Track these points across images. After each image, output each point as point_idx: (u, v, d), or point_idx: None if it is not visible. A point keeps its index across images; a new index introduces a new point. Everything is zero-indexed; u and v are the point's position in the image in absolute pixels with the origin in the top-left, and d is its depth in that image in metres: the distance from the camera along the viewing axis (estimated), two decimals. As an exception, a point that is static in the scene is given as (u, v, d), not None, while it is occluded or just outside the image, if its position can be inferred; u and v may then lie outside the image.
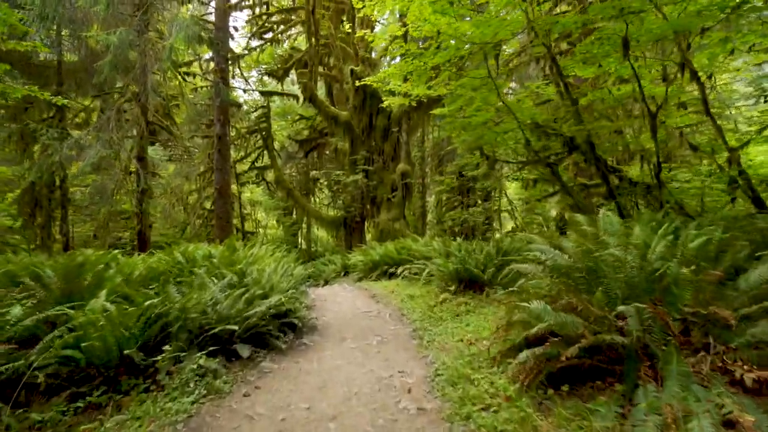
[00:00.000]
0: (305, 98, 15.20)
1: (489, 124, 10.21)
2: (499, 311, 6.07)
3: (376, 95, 15.22)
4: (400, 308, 7.38)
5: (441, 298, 7.10)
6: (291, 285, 7.40)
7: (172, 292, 5.05)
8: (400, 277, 10.43)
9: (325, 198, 30.53)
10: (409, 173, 14.74)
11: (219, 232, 18.14)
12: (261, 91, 20.78)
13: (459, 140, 11.70)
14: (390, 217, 15.05)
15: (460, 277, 7.44)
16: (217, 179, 18.05)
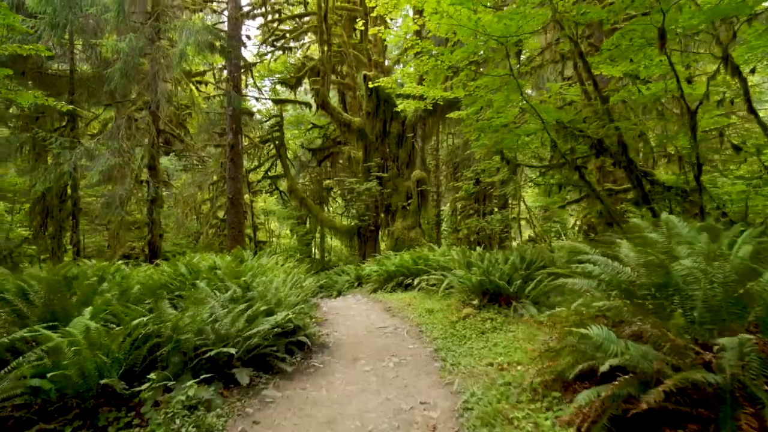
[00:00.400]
0: (317, 105, 14.72)
1: (510, 126, 9.57)
2: (531, 330, 5.37)
3: (389, 101, 14.68)
4: (419, 324, 6.70)
5: (463, 312, 6.42)
6: (300, 298, 6.79)
7: (165, 308, 4.47)
8: (416, 288, 9.76)
9: (338, 207, 30.04)
10: (424, 180, 14.11)
11: (231, 242, 17.69)
12: (274, 99, 20.42)
13: (478, 144, 11.05)
14: (405, 226, 14.40)
15: (483, 290, 6.75)
16: (230, 188, 17.65)
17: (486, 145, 10.26)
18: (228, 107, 17.56)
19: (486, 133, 9.22)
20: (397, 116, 14.82)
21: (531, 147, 10.37)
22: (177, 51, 11.65)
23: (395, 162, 15.07)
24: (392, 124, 14.90)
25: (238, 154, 17.81)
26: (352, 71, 21.22)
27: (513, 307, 6.26)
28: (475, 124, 9.19)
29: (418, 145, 14.22)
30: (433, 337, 5.91)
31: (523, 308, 6.27)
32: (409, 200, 14.74)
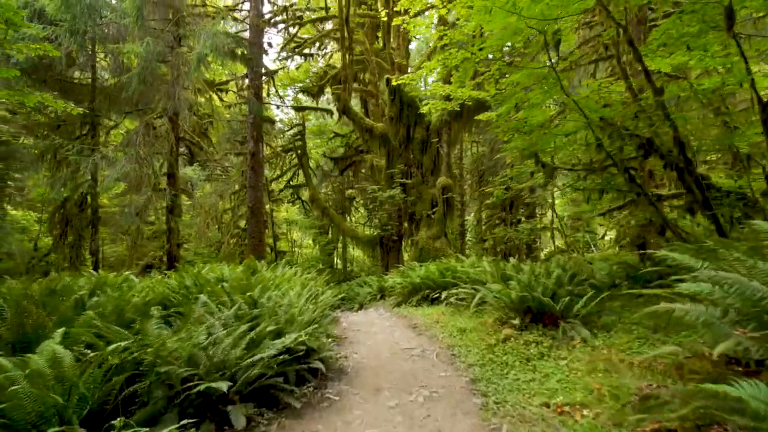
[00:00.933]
0: (339, 110, 14.04)
1: (546, 125, 8.64)
2: (586, 357, 4.42)
3: (413, 105, 13.91)
4: (450, 346, 5.79)
5: (502, 334, 5.48)
6: (317, 314, 5.98)
7: (151, 330, 3.71)
8: (444, 303, 8.83)
9: (361, 217, 29.34)
10: (450, 187, 13.22)
11: (251, 252, 17.09)
12: (295, 107, 19.91)
13: (509, 147, 10.12)
14: (430, 235, 13.51)
15: (525, 308, 5.80)
16: (250, 197, 17.09)
17: (518, 147, 9.33)
18: (249, 115, 17.08)
19: (521, 133, 8.31)
20: (421, 121, 14.02)
21: (568, 149, 9.39)
22: (194, 54, 11.15)
23: (419, 169, 14.23)
24: (416, 130, 14.09)
25: (259, 163, 17.27)
26: (374, 78, 20.59)
27: (561, 328, 5.29)
28: (509, 124, 8.29)
29: (443, 150, 13.37)
30: (469, 363, 4.99)
31: (572, 330, 5.30)
32: (434, 208, 13.86)
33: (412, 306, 9.62)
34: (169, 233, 13.63)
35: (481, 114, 10.01)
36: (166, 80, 13.34)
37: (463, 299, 8.16)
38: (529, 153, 9.35)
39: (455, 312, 7.95)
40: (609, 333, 5.28)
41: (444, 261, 10.96)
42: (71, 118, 13.02)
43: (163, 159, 13.55)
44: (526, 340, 5.27)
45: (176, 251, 14.34)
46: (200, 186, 22.79)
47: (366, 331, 7.69)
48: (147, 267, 20.64)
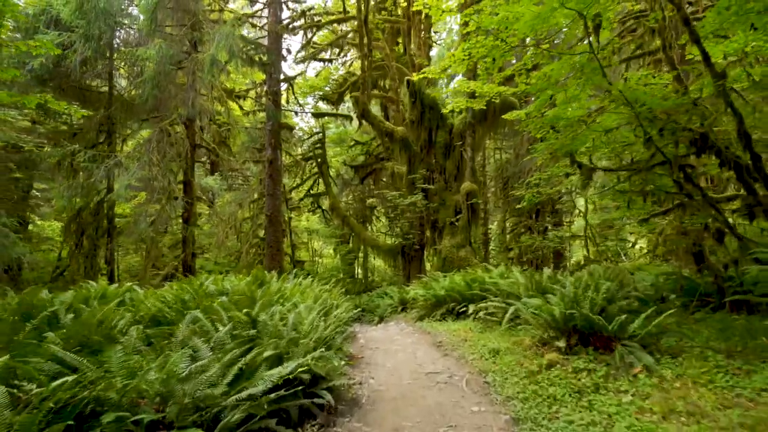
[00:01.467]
0: (358, 114, 13.37)
1: (585, 119, 7.73)
2: (653, 390, 3.48)
3: (435, 107, 13.12)
4: (482, 371, 4.90)
5: (545, 359, 4.56)
6: (329, 332, 5.19)
7: (115, 357, 2.98)
8: (471, 318, 7.93)
9: (382, 226, 28.59)
10: (475, 193, 12.33)
11: (269, 261, 16.49)
12: (314, 113, 19.36)
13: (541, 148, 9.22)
14: (454, 244, 12.61)
15: (570, 327, 4.87)
16: (268, 205, 16.53)
17: (552, 146, 8.43)
18: (267, 122, 16.59)
19: (557, 128, 7.41)
20: (443, 124, 13.21)
21: (606, 148, 8.41)
22: (207, 56, 10.64)
23: (442, 174, 13.39)
24: (438, 133, 13.29)
25: (277, 170, 16.72)
26: (395, 84, 19.94)
27: (618, 353, 4.35)
28: (542, 119, 7.41)
29: (467, 155, 12.51)
30: (506, 395, 4.10)
31: (630, 355, 4.36)
32: (457, 216, 12.97)
33: (435, 320, 8.73)
34: (184, 243, 13.10)
35: (508, 113, 9.15)
36: (183, 87, 12.93)
37: (493, 314, 7.25)
38: (564, 152, 8.43)
39: (485, 328, 7.04)
40: (676, 359, 4.32)
41: (470, 271, 10.05)
42: (88, 126, 12.70)
43: (178, 166, 13.08)
44: (575, 367, 4.35)
45: (192, 261, 13.80)
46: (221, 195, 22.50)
47: (385, 349, 6.85)
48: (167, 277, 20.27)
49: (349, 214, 21.70)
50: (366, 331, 9.16)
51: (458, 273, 10.21)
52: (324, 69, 21.76)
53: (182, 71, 12.93)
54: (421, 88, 12.87)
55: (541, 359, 4.62)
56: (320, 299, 6.43)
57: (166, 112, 12.88)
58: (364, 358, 6.19)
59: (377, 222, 29.39)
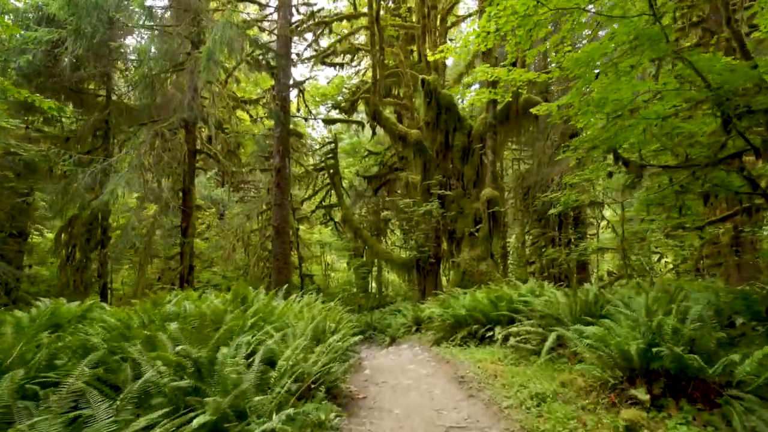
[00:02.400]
0: (369, 115, 12.14)
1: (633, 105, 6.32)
2: None
3: (452, 108, 11.82)
4: (525, 429, 3.45)
5: (622, 417, 3.09)
6: (319, 367, 3.82)
7: None
8: (498, 343, 6.46)
9: (397, 239, 27.26)
10: (496, 200, 10.90)
11: (276, 275, 15.23)
12: (324, 119, 18.25)
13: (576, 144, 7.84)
14: (473, 256, 11.15)
15: (651, 368, 3.41)
16: (276, 216, 15.33)
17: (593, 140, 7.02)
18: (275, 129, 15.50)
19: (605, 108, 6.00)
20: (461, 126, 11.87)
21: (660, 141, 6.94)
22: (204, 50, 9.55)
23: (460, 180, 12.01)
24: (456, 136, 11.95)
25: (285, 179, 15.55)
26: (409, 91, 18.78)
27: (734, 413, 2.87)
28: (586, 99, 6.01)
29: (487, 159, 11.12)
30: (571, 479, 2.65)
31: (751, 415, 2.88)
32: (477, 225, 11.54)
33: (455, 345, 7.26)
34: (181, 256, 11.92)
35: (536, 107, 7.76)
36: (184, 89, 11.91)
37: (526, 340, 5.78)
38: (607, 147, 6.99)
39: (518, 359, 5.57)
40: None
41: (496, 288, 8.56)
42: (83, 131, 11.71)
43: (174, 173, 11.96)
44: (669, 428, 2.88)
45: (190, 275, 12.60)
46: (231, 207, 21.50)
47: (394, 384, 5.42)
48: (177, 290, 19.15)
49: (362, 227, 20.42)
50: (374, 357, 7.74)
51: (480, 289, 8.74)
52: (336, 77, 20.77)
53: (182, 73, 11.91)
54: (437, 88, 11.60)
55: (615, 417, 3.15)
56: (316, 321, 5.07)
57: (166, 116, 11.84)
58: (366, 399, 4.77)
59: (392, 235, 28.07)
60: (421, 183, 12.31)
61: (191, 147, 12.05)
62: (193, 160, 12.31)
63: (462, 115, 11.89)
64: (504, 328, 6.86)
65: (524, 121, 11.32)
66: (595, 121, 6.77)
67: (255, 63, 14.80)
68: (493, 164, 11.11)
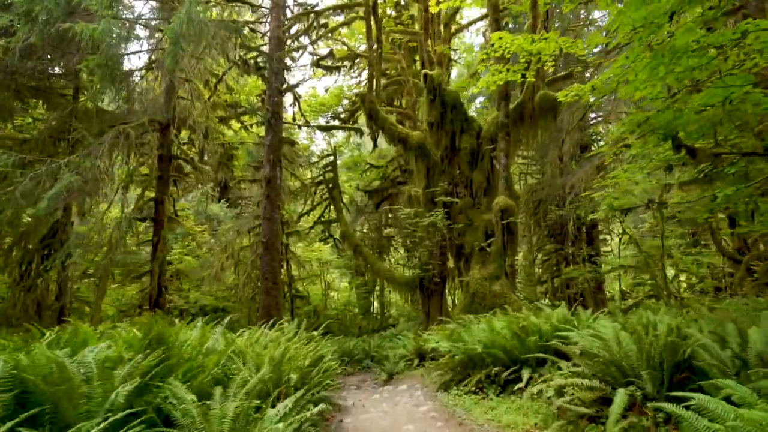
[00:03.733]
0: (365, 114, 10.48)
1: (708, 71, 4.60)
2: None
3: (458, 107, 10.15)
4: None
5: None
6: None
7: None
8: (527, 393, 4.60)
9: (400, 257, 25.43)
10: (511, 210, 9.11)
11: (264, 297, 13.44)
12: (319, 126, 16.65)
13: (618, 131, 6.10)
14: (485, 275, 9.30)
15: None
16: (265, 231, 13.60)
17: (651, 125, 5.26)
18: (266, 135, 13.91)
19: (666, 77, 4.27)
20: (469, 127, 10.17)
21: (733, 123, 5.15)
22: (167, 30, 7.96)
23: (468, 188, 10.25)
24: (463, 138, 10.25)
25: (276, 190, 13.88)
26: (411, 99, 17.29)
27: None
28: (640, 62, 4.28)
29: (499, 163, 9.39)
30: None
31: None
32: (489, 239, 9.73)
33: (468, 392, 5.37)
34: (151, 274, 10.16)
35: (563, 92, 6.04)
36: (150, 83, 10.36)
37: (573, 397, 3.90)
38: (664, 133, 5.22)
39: (566, 426, 3.69)
40: None
41: (520, 315, 6.69)
42: (42, 133, 10.13)
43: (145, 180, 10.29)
44: None
45: (163, 297, 10.81)
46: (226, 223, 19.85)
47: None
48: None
49: (361, 243, 18.63)
50: (363, 405, 5.85)
51: (496, 315, 6.87)
52: (336, 87, 19.34)
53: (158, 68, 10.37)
54: (441, 84, 9.96)
55: None
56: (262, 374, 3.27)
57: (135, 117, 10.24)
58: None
59: (395, 253, 26.29)
60: (424, 191, 10.55)
61: (165, 152, 10.43)
62: (168, 166, 10.67)
63: (470, 116, 10.23)
64: (534, 371, 4.99)
65: (540, 121, 9.63)
66: (654, 92, 5.01)
67: (243, 65, 13.31)
68: (506, 169, 9.35)
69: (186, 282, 19.20)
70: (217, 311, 17.96)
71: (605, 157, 11.16)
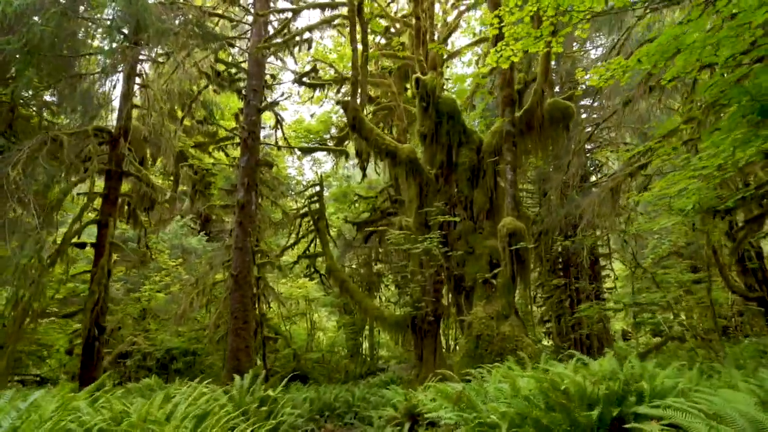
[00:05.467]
0: (349, 124, 8.79)
1: None
2: None
3: (455, 117, 8.55)
4: None
5: None
6: None
7: None
8: None
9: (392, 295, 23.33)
10: (521, 233, 7.31)
11: (234, 339, 11.28)
12: (301, 148, 14.99)
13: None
14: (491, 313, 7.35)
15: None
16: (236, 262, 11.62)
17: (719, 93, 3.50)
18: (242, 157, 12.23)
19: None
20: (468, 140, 8.52)
21: None
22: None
23: (467, 210, 8.48)
24: (461, 152, 8.56)
25: (250, 217, 12.02)
26: (402, 125, 15.91)
27: None
28: None
29: (505, 178, 7.69)
30: None
31: None
32: (494, 270, 7.84)
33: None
34: (84, 313, 8.04)
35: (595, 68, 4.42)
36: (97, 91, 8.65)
37: None
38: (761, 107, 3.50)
39: None
40: None
41: (540, 367, 4.74)
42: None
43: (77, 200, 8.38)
44: None
45: (101, 342, 8.61)
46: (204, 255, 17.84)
47: None
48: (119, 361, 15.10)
49: (350, 279, 16.61)
50: None
51: (514, 368, 4.90)
52: (323, 114, 17.95)
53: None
54: (435, 90, 8.41)
55: None
56: None
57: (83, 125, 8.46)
58: None
59: (386, 291, 24.22)
60: (416, 213, 8.73)
61: (113, 167, 8.62)
62: (117, 184, 8.82)
63: (469, 128, 8.62)
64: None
65: (550, 131, 8.02)
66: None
67: (216, 79, 11.79)
68: (513, 185, 7.62)
69: (154, 322, 16.90)
70: (187, 354, 15.59)
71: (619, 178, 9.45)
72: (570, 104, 7.99)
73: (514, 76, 7.75)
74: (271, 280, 18.81)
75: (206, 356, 15.59)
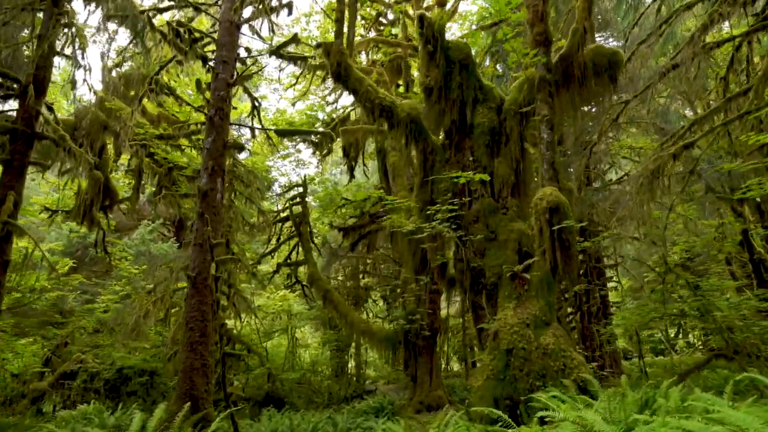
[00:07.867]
0: (331, 70, 6.42)
1: None
2: None
3: (469, 66, 6.32)
4: None
5: None
6: None
7: None
8: None
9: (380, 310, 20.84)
10: (565, 209, 5.07)
11: (187, 355, 8.58)
12: (277, 130, 12.59)
13: None
14: (525, 318, 5.03)
15: None
16: (194, 262, 9.03)
17: None
18: (206, 136, 9.84)
19: None
20: (486, 96, 6.27)
21: None
22: None
23: (486, 185, 6.20)
24: (477, 112, 6.29)
25: (215, 208, 9.49)
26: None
27: None
28: None
29: (542, 137, 5.50)
30: None
31: None
32: (526, 260, 5.53)
33: None
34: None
35: None
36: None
37: None
38: None
39: None
40: None
41: (676, 403, 2.41)
42: None
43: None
44: None
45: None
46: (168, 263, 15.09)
47: None
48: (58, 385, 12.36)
49: (334, 290, 14.14)
50: None
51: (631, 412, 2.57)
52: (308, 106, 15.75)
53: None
54: (443, 32, 6.20)
55: None
56: None
57: None
58: None
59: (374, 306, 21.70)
60: (419, 190, 6.35)
61: (21, 126, 6.18)
62: (25, 148, 6.34)
63: (486, 83, 6.44)
64: None
65: (594, 85, 5.89)
66: None
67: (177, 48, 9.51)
68: (551, 147, 5.41)
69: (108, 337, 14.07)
70: (144, 374, 12.77)
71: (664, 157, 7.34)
72: (618, 50, 5.92)
73: (547, 9, 5.65)
74: (247, 291, 16.20)
75: (168, 376, 12.82)
